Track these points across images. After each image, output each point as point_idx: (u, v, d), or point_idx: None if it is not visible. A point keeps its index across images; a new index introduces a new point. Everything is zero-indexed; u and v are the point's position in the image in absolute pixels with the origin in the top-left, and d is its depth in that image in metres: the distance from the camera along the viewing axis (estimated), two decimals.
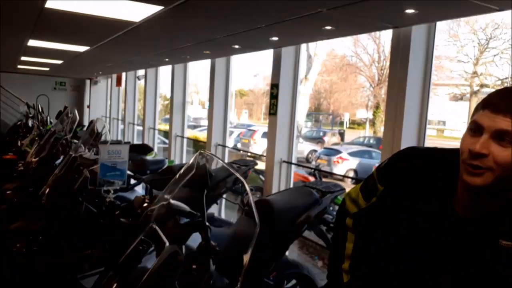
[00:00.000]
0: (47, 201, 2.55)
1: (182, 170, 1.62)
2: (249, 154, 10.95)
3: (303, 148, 16.91)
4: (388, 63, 3.55)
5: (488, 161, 0.90)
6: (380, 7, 2.48)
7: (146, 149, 5.08)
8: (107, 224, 2.56)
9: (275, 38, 3.80)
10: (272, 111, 4.52)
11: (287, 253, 4.58)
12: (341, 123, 24.89)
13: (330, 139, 20.14)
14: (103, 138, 3.20)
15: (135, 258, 1.43)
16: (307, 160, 16.17)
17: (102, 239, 2.45)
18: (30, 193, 3.29)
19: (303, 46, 10.61)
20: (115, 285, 1.34)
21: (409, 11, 2.50)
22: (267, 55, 4.42)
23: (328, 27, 3.14)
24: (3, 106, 10.57)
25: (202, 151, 1.60)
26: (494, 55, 15.75)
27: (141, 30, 3.75)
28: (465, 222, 0.96)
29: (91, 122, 3.32)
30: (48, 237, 2.43)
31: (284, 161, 4.57)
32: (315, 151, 16.26)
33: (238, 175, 1.38)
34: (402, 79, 3.05)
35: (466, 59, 16.34)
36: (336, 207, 5.40)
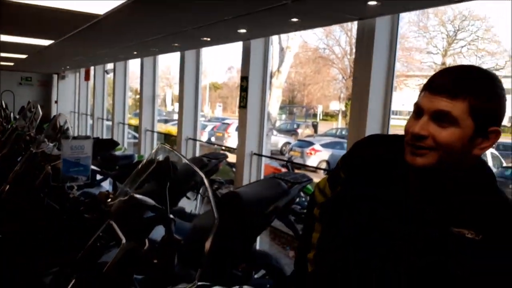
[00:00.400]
0: (7, 198, 2.48)
1: (142, 164, 1.61)
2: (223, 147, 10.93)
3: (277, 140, 17.01)
4: None
5: (429, 141, 0.90)
6: None
7: (113, 144, 5.00)
8: (70, 220, 2.51)
9: (243, 31, 3.79)
10: (242, 104, 4.52)
11: (257, 244, 4.64)
12: (315, 115, 25.15)
13: (304, 131, 20.32)
14: (70, 133, 3.13)
15: (94, 255, 1.41)
16: (281, 152, 16.27)
17: (64, 235, 2.41)
18: None
19: (275, 38, 10.66)
20: (72, 282, 1.32)
21: (372, 2, 2.54)
22: (241, 47, 4.41)
23: (295, 19, 3.16)
24: None
25: (162, 144, 1.58)
26: (462, 47, 16.21)
27: (106, 23, 3.67)
28: (423, 210, 0.96)
29: (53, 118, 3.23)
30: (8, 234, 2.37)
31: (254, 154, 4.58)
32: (289, 143, 16.38)
33: (197, 169, 1.37)
34: (366, 70, 3.10)
35: (435, 51, 16.76)
36: (303, 197, 5.50)
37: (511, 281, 0.85)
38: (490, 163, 10.59)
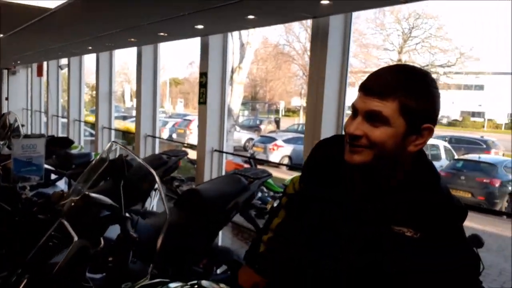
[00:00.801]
0: None
1: (94, 161, 1.59)
2: (184, 144, 10.83)
3: (240, 136, 17.04)
4: None
5: (363, 140, 0.94)
6: None
7: (68, 142, 4.85)
8: (23, 221, 2.44)
9: (201, 26, 3.78)
10: (202, 100, 4.51)
11: (219, 240, 4.66)
12: (277, 111, 25.36)
13: (267, 127, 20.47)
14: (21, 132, 3.02)
15: (46, 254, 1.39)
16: (245, 148, 16.32)
17: (16, 236, 2.34)
18: None
19: (235, 34, 10.63)
20: (23, 282, 1.29)
21: (324, 2, 2.61)
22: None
23: (251, 16, 3.19)
24: None
25: (114, 141, 1.58)
26: (416, 44, 16.82)
27: (58, 17, 3.56)
28: (363, 208, 0.98)
29: (2, 115, 3.10)
30: None
31: (215, 150, 4.59)
32: (252, 139, 16.45)
33: (148, 166, 1.37)
34: (321, 68, 3.18)
35: (391, 47, 17.29)
36: (266, 192, 5.57)
37: (446, 278, 0.88)
38: (442, 155, 11.09)
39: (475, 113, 23.44)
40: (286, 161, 12.90)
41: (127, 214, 1.76)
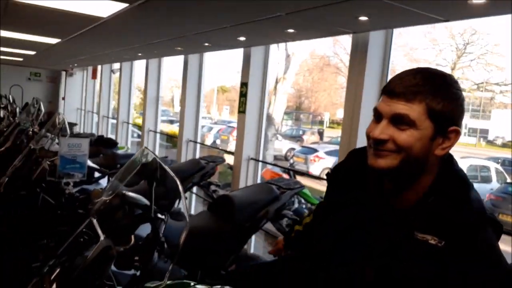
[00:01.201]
0: (4, 191, 2.59)
1: (126, 164, 1.70)
2: (223, 151, 11.01)
3: (282, 146, 17.07)
4: None
5: (389, 144, 0.92)
6: (334, 14, 2.60)
7: (111, 143, 5.10)
8: (65, 215, 2.61)
9: (243, 38, 3.89)
10: (241, 109, 4.61)
11: (252, 248, 4.71)
12: (321, 122, 25.16)
13: (309, 138, 20.36)
14: (67, 131, 3.23)
15: (76, 249, 1.49)
16: (286, 158, 16.31)
17: (58, 229, 2.50)
18: None
19: (281, 45, 10.71)
20: (54, 274, 1.40)
21: (362, 18, 2.63)
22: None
23: (291, 30, 3.25)
24: None
25: (145, 148, 1.67)
26: (471, 60, 16.19)
27: (110, 25, 3.79)
28: (386, 213, 0.97)
29: (52, 115, 3.33)
30: (5, 226, 2.47)
31: (252, 159, 4.66)
32: (294, 149, 16.43)
33: (173, 174, 1.44)
34: (359, 83, 3.18)
35: (444, 63, 16.74)
36: (303, 204, 5.57)
37: None
38: (493, 178, 10.55)
39: None
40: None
41: (159, 215, 1.85)
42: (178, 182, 1.39)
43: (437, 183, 0.95)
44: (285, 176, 8.73)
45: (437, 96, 0.91)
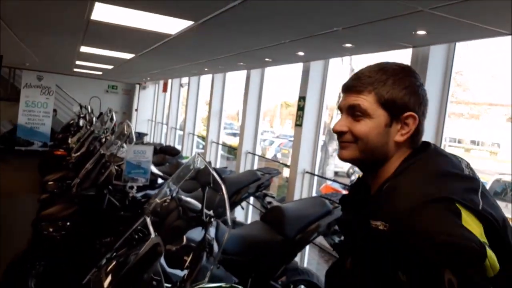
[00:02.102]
0: (76, 192, 2.86)
1: (180, 169, 1.83)
2: (281, 163, 11.05)
3: (344, 162, 16.71)
4: None
5: (348, 135, 0.98)
6: (391, 28, 2.59)
7: (174, 151, 5.37)
8: (128, 217, 2.82)
9: (301, 53, 3.96)
10: (298, 122, 4.67)
11: (305, 262, 4.69)
12: None
13: None
14: (133, 138, 3.49)
15: (131, 245, 1.63)
16: (348, 175, 15.98)
17: (121, 229, 2.71)
18: (68, 184, 3.66)
19: (346, 60, 10.60)
20: (110, 266, 1.54)
21: (421, 32, 2.59)
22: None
23: (348, 45, 3.27)
24: (60, 105, 11.42)
25: (198, 153, 1.79)
26: None
27: (177, 41, 4.06)
28: (363, 206, 0.98)
29: (121, 123, 3.64)
30: (75, 223, 2.73)
31: (307, 172, 4.68)
32: None
33: (218, 179, 1.54)
34: None
35: None
36: None
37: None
38: None
39: None
40: None
41: (212, 220, 1.95)
42: (223, 186, 1.48)
43: (397, 169, 0.97)
44: (345, 193, 8.53)
45: (386, 85, 0.96)
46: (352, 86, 0.99)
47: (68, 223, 2.75)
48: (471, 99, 16.42)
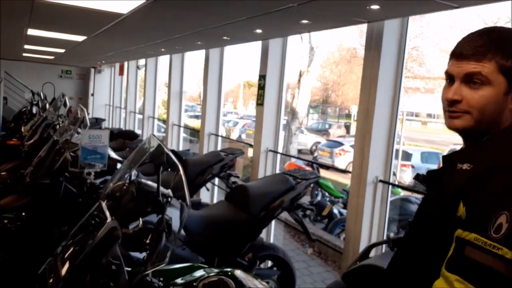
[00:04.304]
0: (30, 180, 2.74)
1: (136, 150, 1.78)
2: (246, 143, 11.09)
3: (307, 140, 17.02)
4: None
5: (463, 105, 0.95)
6: (345, 3, 2.60)
7: (133, 135, 5.25)
8: (86, 204, 2.73)
9: (259, 31, 3.93)
10: (260, 101, 4.66)
11: (271, 238, 4.76)
12: (348, 116, 24.90)
13: (336, 132, 20.21)
14: (87, 123, 3.36)
15: (87, 231, 1.58)
16: (311, 151, 16.27)
17: (79, 217, 2.63)
18: (22, 174, 3.50)
19: (305, 37, 10.62)
20: (67, 253, 1.49)
21: (374, 7, 2.61)
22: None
23: (305, 21, 3.26)
24: (10, 93, 10.85)
25: (153, 135, 1.75)
26: None
27: (131, 21, 3.91)
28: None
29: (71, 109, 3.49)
30: (30, 214, 2.62)
31: (270, 150, 4.71)
32: (319, 143, 16.36)
33: (176, 160, 1.50)
34: (373, 72, 3.16)
35: None
36: (326, 197, 5.57)
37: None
38: None
39: None
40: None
41: (170, 200, 1.90)
42: (180, 167, 1.46)
43: (501, 130, 0.96)
44: (308, 169, 8.74)
45: (505, 53, 0.92)
46: (470, 54, 0.94)
47: (23, 214, 2.64)
48: (426, 74, 16.98)
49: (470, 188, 0.86)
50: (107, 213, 1.51)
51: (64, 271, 1.39)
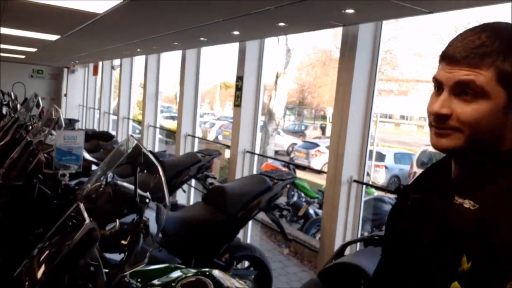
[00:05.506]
0: (3, 182, 2.67)
1: (113, 152, 1.77)
2: (223, 144, 11.09)
3: (284, 141, 17.14)
4: None
5: (452, 121, 0.77)
6: (320, 7, 2.66)
7: (108, 136, 5.19)
8: (61, 206, 2.69)
9: (237, 32, 3.95)
10: (237, 102, 4.68)
11: (248, 238, 4.79)
12: (324, 117, 25.20)
13: (312, 133, 20.43)
14: (62, 124, 3.31)
15: (65, 233, 1.57)
16: (287, 153, 16.39)
17: (54, 219, 2.59)
18: None
19: (282, 40, 10.72)
20: (43, 255, 1.48)
21: (349, 11, 2.68)
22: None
23: (282, 24, 3.31)
24: None
25: (131, 135, 1.74)
26: None
27: (106, 21, 3.86)
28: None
29: (48, 110, 3.43)
30: (3, 216, 2.56)
31: (247, 152, 4.73)
32: (296, 144, 16.51)
33: (155, 160, 1.51)
34: (348, 75, 3.23)
35: None
36: (302, 198, 5.63)
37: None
38: None
39: None
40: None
41: (147, 201, 1.90)
42: (159, 167, 1.46)
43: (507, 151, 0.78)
44: (285, 169, 8.81)
45: (508, 55, 0.73)
46: (464, 57, 0.75)
47: None
48: (399, 76, 17.38)
49: (477, 241, 0.67)
50: (86, 215, 1.50)
51: (40, 273, 1.37)
